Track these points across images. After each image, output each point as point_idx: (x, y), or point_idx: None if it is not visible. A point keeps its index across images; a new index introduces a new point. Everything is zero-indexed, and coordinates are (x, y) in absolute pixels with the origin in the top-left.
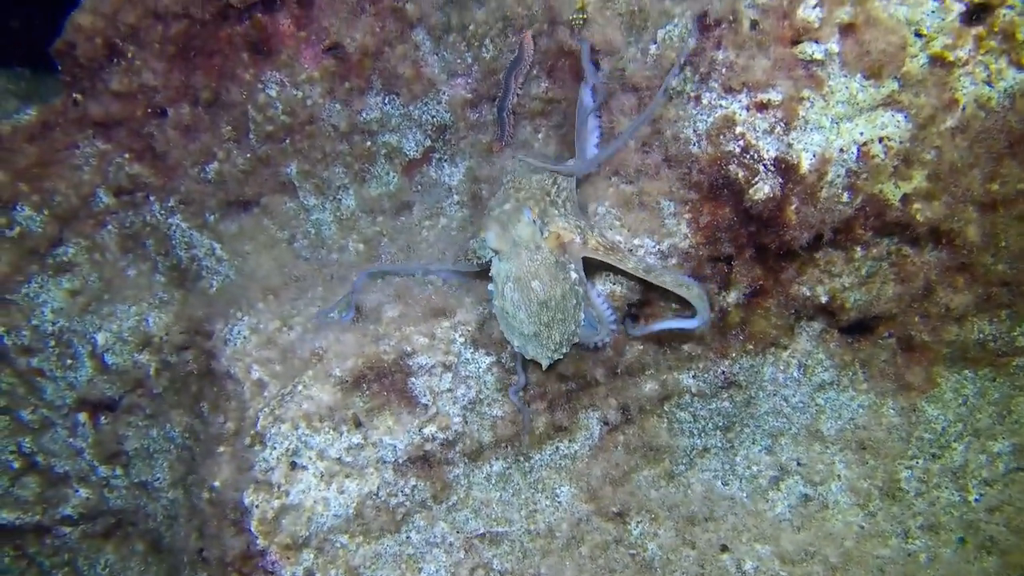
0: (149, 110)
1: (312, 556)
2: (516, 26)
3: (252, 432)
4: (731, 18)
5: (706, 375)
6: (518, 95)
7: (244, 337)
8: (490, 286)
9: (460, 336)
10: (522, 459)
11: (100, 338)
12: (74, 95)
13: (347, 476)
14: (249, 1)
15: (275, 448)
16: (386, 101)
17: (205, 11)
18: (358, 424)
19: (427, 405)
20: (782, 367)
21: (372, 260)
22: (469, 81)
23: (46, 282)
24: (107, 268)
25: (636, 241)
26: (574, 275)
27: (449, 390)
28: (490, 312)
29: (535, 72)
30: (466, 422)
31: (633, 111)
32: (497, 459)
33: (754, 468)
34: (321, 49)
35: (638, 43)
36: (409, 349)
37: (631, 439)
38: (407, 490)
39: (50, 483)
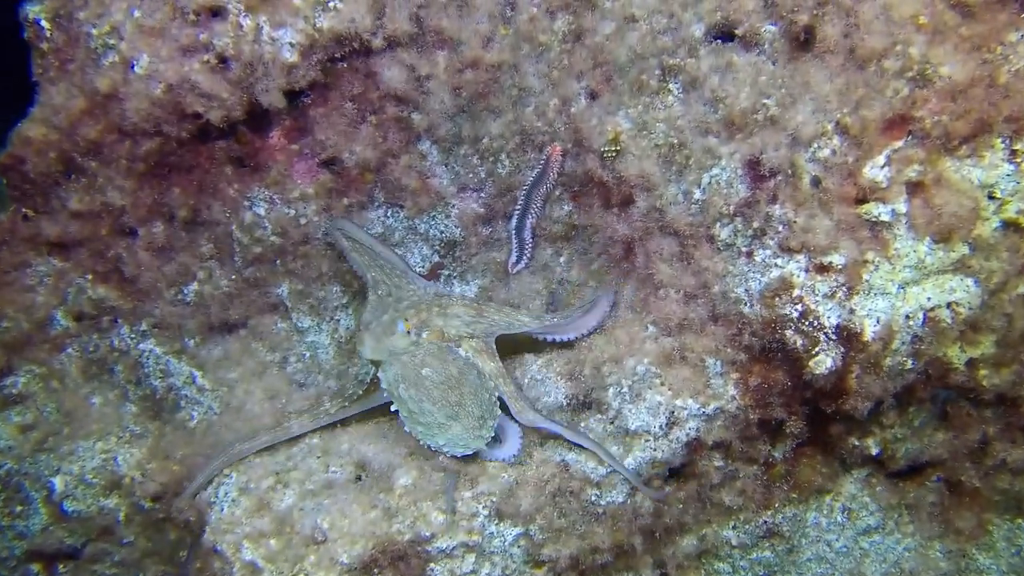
0: (116, 229)
1: None
2: (535, 142)
3: None
4: (789, 171)
5: (747, 526)
6: (538, 215)
7: (232, 500)
8: (394, 406)
9: (484, 508)
10: None
11: (58, 482)
12: (23, 211)
13: None
14: (232, 119)
15: None
16: (389, 214)
17: (181, 130)
18: None
19: None
20: (825, 512)
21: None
22: (481, 196)
23: None
24: (67, 397)
25: (679, 402)
26: (463, 352)
27: (472, 572)
28: (517, 480)
29: (558, 193)
30: None
31: (673, 258)
32: None
33: None
34: (316, 163)
35: (679, 182)
36: (428, 533)
37: None
38: None
39: None
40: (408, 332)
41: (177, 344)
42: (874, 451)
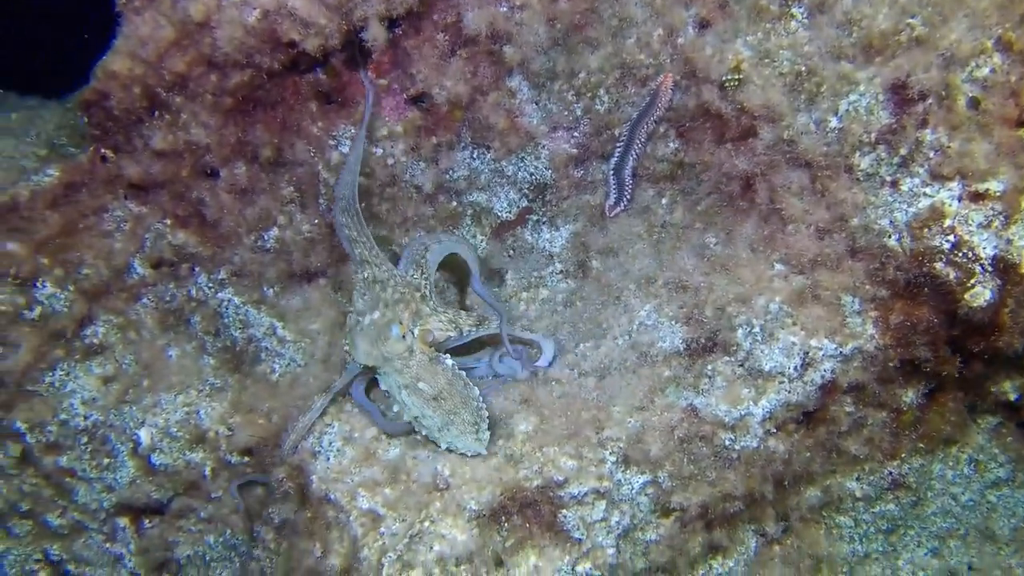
0: (197, 170)
1: None
2: (637, 76)
3: None
4: (942, 93)
5: (872, 477)
6: (640, 153)
7: (337, 449)
8: (395, 407)
9: (611, 454)
10: None
11: (143, 435)
12: (103, 151)
13: None
14: (328, 48)
15: None
16: (475, 155)
17: (273, 60)
18: (499, 563)
19: (580, 539)
20: (951, 463)
21: None
22: (575, 135)
23: (73, 368)
24: (144, 349)
25: (814, 342)
26: (449, 362)
27: (603, 519)
28: (643, 425)
29: (663, 130)
30: (619, 551)
31: (804, 191)
32: None
33: (920, 574)
34: (405, 99)
35: (810, 111)
36: (560, 478)
37: (789, 551)
38: None
39: None
40: (403, 336)
41: (256, 293)
42: (1012, 396)
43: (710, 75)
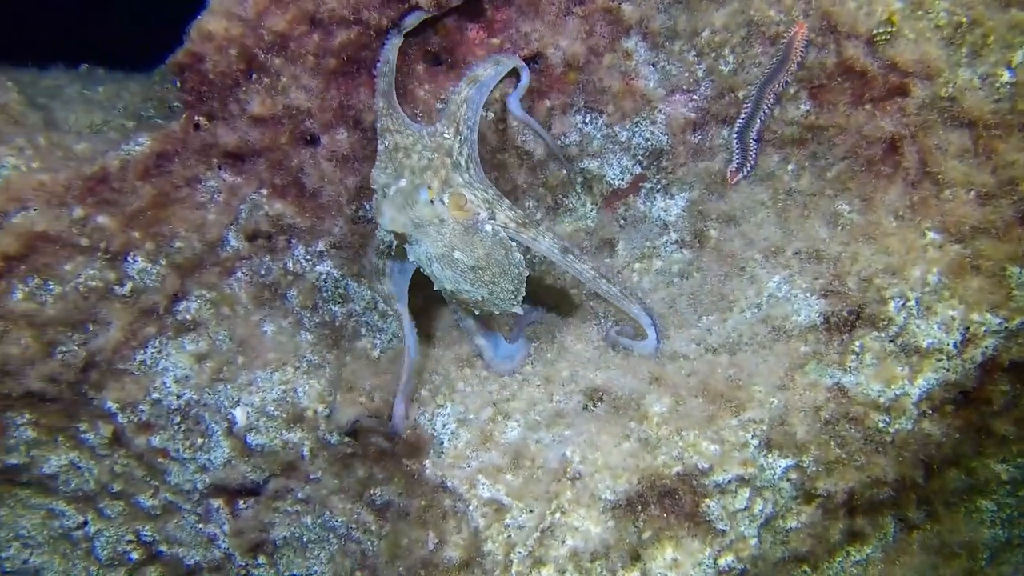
0: (296, 137)
1: None
2: (766, 35)
3: None
4: None
5: (1019, 460)
6: (768, 112)
7: (452, 432)
8: (420, 268)
9: (754, 438)
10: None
11: (239, 414)
12: (197, 119)
13: None
14: (445, 5)
15: None
16: (587, 120)
17: (383, 16)
18: (635, 558)
19: (724, 530)
20: None
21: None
22: (694, 98)
23: (165, 345)
24: (239, 325)
25: (976, 317)
26: (488, 228)
27: (746, 508)
28: (787, 405)
29: (793, 91)
30: (760, 542)
31: (965, 153)
32: None
33: None
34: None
35: (973, 66)
36: (705, 465)
37: (928, 536)
38: None
39: None
40: (431, 201)
41: (356, 266)
42: None
43: (856, 29)
